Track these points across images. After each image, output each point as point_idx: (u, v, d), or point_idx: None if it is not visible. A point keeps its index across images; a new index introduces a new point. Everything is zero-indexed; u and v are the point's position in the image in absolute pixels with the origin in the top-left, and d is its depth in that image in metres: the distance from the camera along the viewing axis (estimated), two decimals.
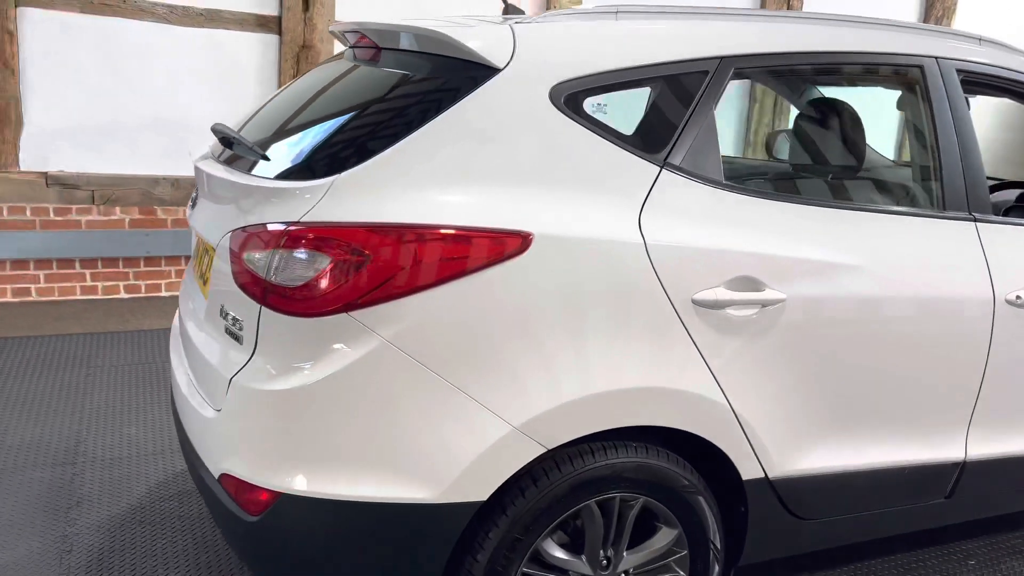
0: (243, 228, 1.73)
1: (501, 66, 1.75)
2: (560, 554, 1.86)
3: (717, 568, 2.02)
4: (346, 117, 1.86)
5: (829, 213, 2.00)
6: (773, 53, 2.01)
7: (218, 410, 1.78)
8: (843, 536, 2.28)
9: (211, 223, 1.96)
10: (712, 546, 1.99)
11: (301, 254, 1.61)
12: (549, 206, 1.71)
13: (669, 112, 1.89)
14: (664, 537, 1.96)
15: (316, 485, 1.65)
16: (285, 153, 1.85)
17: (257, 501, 1.69)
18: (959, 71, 2.24)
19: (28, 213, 4.71)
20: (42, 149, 4.73)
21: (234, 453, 1.73)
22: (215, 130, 2.11)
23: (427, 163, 1.67)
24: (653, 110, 1.89)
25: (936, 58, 2.21)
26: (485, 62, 1.75)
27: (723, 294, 1.83)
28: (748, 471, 1.98)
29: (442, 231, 1.62)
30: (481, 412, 1.67)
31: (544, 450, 1.73)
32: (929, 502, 2.30)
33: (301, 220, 1.63)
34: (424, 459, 1.66)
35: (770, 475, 2.00)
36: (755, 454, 1.96)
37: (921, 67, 2.20)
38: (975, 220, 2.20)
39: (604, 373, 1.74)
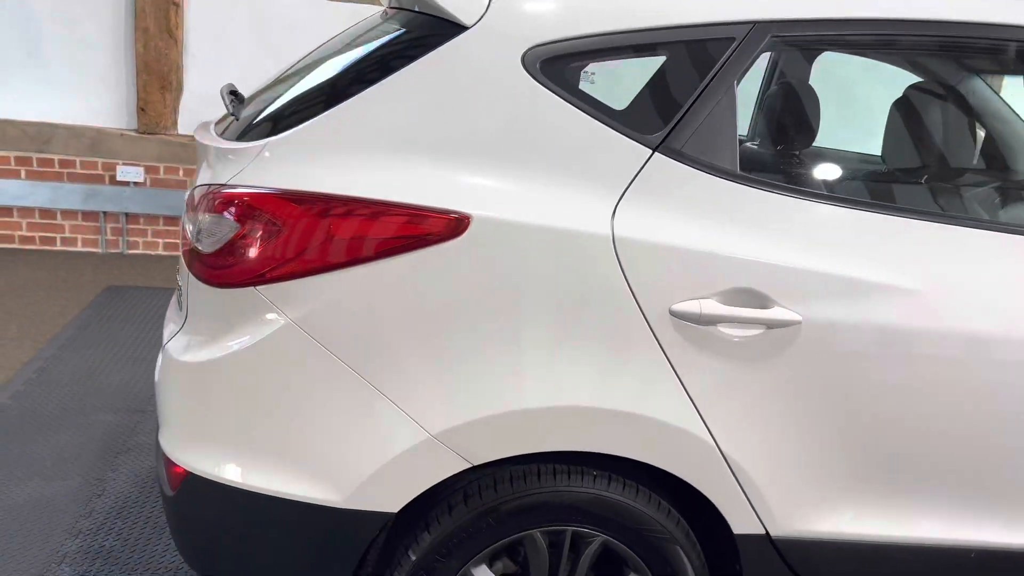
0: (192, 191, 1.65)
1: (470, 23, 1.53)
2: None
3: None
4: (317, 79, 1.72)
5: (885, 221, 1.59)
6: (831, 20, 1.62)
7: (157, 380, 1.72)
8: None
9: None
10: None
11: (215, 219, 1.49)
12: (502, 186, 1.48)
13: (675, 86, 1.57)
14: None
15: (220, 469, 1.53)
16: (251, 114, 1.74)
17: (174, 475, 1.61)
18: None
19: (181, 174, 5.04)
20: (198, 114, 5.03)
21: (163, 423, 1.65)
22: (222, 92, 2.05)
23: (365, 129, 1.49)
24: (655, 83, 1.58)
25: None
26: (452, 18, 1.54)
27: (712, 307, 1.50)
28: (742, 524, 1.63)
29: (362, 205, 1.44)
30: (395, 414, 1.47)
31: (467, 465, 1.50)
32: None
33: (226, 183, 1.51)
34: (329, 458, 1.49)
35: (772, 533, 1.65)
36: (751, 505, 1.61)
37: None
38: None
39: (544, 387, 1.49)
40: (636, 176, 1.52)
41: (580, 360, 1.49)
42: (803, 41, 1.66)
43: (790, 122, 2.04)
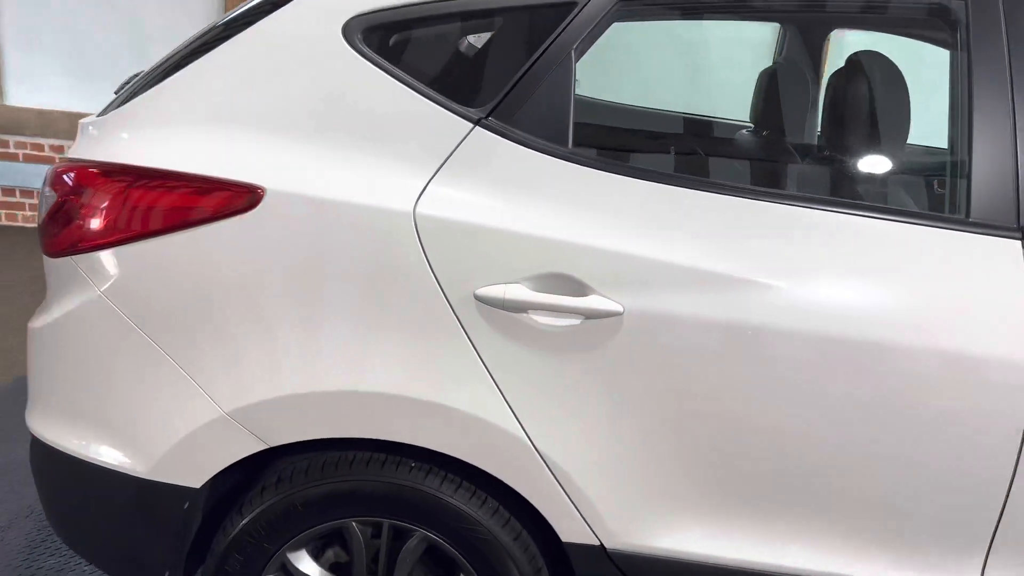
0: None
1: None
2: (311, 571, 1.58)
3: None
4: (184, 53, 1.73)
5: (733, 204, 1.42)
6: None
7: None
8: None
9: None
10: None
11: (47, 190, 1.53)
12: (310, 159, 1.43)
13: (507, 56, 1.47)
14: None
15: (50, 432, 1.57)
16: (124, 94, 1.78)
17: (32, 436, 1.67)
18: None
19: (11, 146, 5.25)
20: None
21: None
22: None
23: (187, 102, 1.48)
24: (485, 52, 1.49)
25: None
26: None
27: (520, 292, 1.38)
28: (571, 532, 1.50)
29: (159, 176, 1.43)
30: (191, 388, 1.46)
31: (263, 446, 1.47)
32: None
33: (67, 156, 1.55)
34: (136, 428, 1.50)
35: (608, 545, 1.50)
36: (579, 512, 1.47)
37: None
38: None
39: (339, 371, 1.42)
40: (454, 151, 1.43)
41: (378, 344, 1.42)
42: (656, 8, 1.50)
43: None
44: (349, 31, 1.47)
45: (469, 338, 1.41)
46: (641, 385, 1.41)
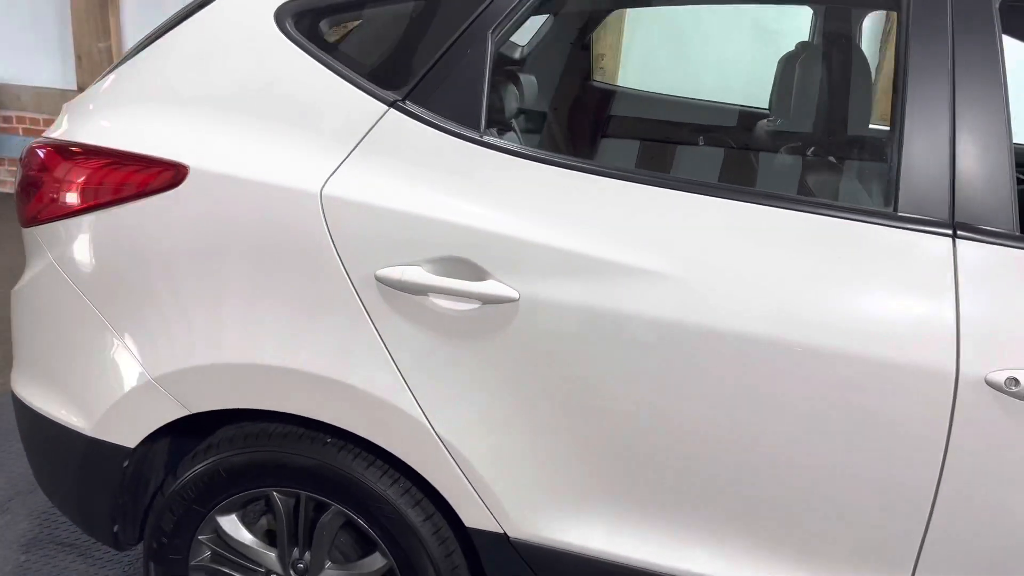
0: None
1: None
2: (244, 538, 1.65)
3: None
4: (151, 35, 1.82)
5: (623, 189, 1.36)
6: None
7: None
8: None
9: None
10: None
11: (19, 166, 1.67)
12: (236, 140, 1.48)
13: (426, 39, 1.47)
14: (372, 563, 1.60)
15: (22, 389, 1.71)
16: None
17: None
18: None
19: None
20: None
21: None
22: None
23: (138, 83, 1.58)
24: (405, 36, 1.50)
25: None
26: None
27: (419, 275, 1.39)
28: (474, 518, 1.49)
29: (99, 153, 1.53)
30: (124, 353, 1.55)
31: (185, 412, 1.54)
32: None
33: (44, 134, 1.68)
34: (83, 387, 1.61)
35: (511, 535, 1.48)
36: (480, 498, 1.47)
37: None
38: (956, 236, 1.28)
39: (244, 343, 1.47)
40: (368, 133, 1.45)
41: (282, 320, 1.46)
42: None
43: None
44: (281, 17, 1.51)
45: (370, 318, 1.43)
46: (537, 373, 1.39)
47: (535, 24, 1.96)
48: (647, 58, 4.73)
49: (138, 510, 1.73)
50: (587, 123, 1.78)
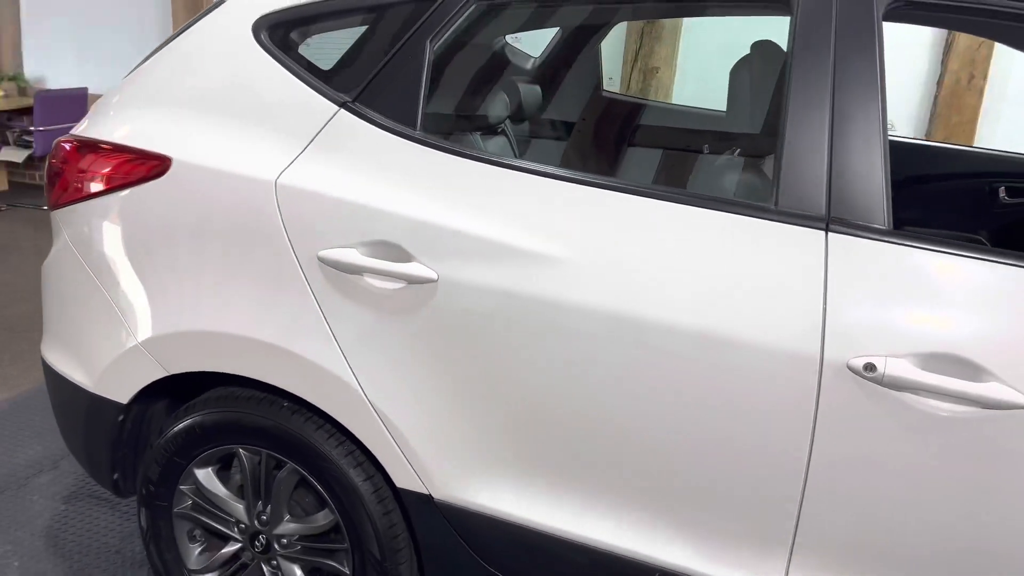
0: None
1: None
2: (218, 490, 1.85)
3: None
4: (161, 44, 2.07)
5: (535, 183, 1.49)
6: None
7: None
8: None
9: None
10: (371, 556, 1.71)
11: (50, 158, 1.94)
12: (214, 136, 1.70)
13: (374, 47, 1.65)
14: (322, 519, 1.77)
15: (47, 353, 1.98)
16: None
17: None
18: None
19: None
20: None
21: None
22: None
23: (142, 86, 1.83)
24: (358, 44, 1.67)
25: None
26: None
27: (355, 257, 1.56)
28: (403, 480, 1.64)
29: (101, 146, 1.77)
30: (119, 320, 1.79)
31: (165, 373, 1.76)
32: None
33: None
34: (88, 349, 1.86)
35: (435, 496, 1.62)
36: (408, 463, 1.62)
37: None
38: (829, 230, 1.35)
39: (209, 313, 1.68)
40: (321, 130, 1.64)
41: (246, 294, 1.65)
42: (510, 5, 1.60)
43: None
44: (258, 28, 1.72)
45: (314, 295, 1.61)
46: (455, 349, 1.53)
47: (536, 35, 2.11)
48: (703, 71, 4.79)
49: (136, 463, 1.96)
50: (540, 126, 1.92)
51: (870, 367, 1.28)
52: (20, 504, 2.50)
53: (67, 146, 1.84)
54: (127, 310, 1.78)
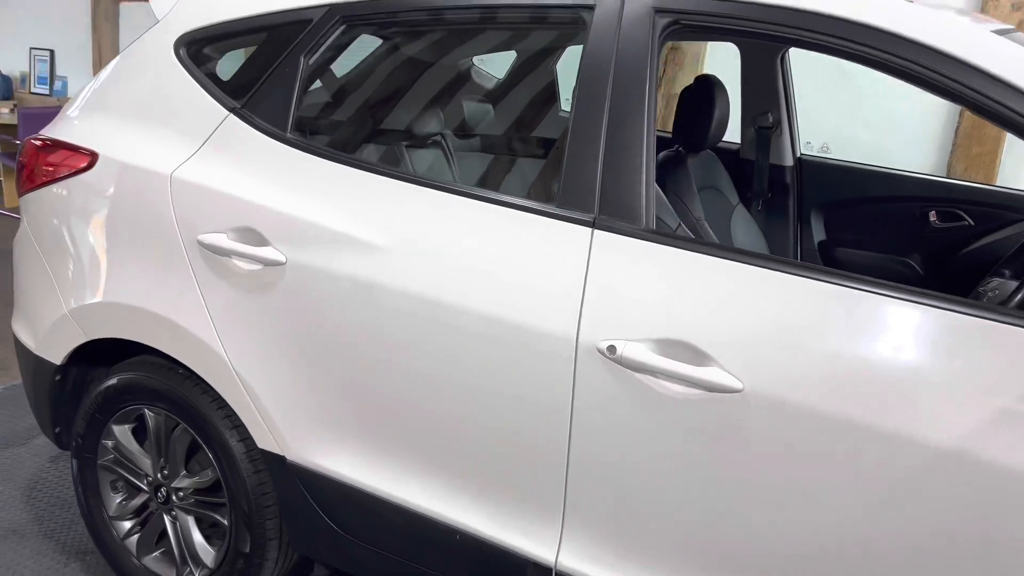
0: None
1: (159, 17, 2.07)
2: (131, 445, 2.10)
3: (249, 538, 1.93)
4: None
5: (373, 181, 1.69)
6: (381, 1, 1.76)
7: None
8: None
9: None
10: (242, 511, 1.92)
11: (19, 155, 2.27)
12: (131, 135, 1.98)
13: (259, 61, 1.90)
14: (209, 475, 1.99)
15: (13, 322, 2.31)
16: None
17: None
18: (661, 11, 1.50)
19: None
20: None
21: None
22: None
23: (92, 94, 2.13)
24: (251, 58, 1.92)
25: None
26: (154, 13, 2.09)
27: (224, 241, 1.79)
28: (263, 441, 1.85)
29: (43, 142, 2.08)
30: (55, 292, 2.08)
31: (86, 338, 2.03)
32: None
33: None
34: (34, 315, 2.16)
35: (288, 457, 1.82)
36: (265, 425, 1.83)
37: (592, 7, 1.56)
38: (595, 227, 1.48)
39: (117, 287, 1.95)
40: (213, 132, 1.89)
41: (145, 271, 1.91)
42: (368, 21, 1.81)
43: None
44: (178, 45, 2.00)
45: (194, 273, 1.85)
46: (300, 324, 1.74)
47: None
48: None
49: (68, 416, 2.24)
50: (371, 129, 2.13)
51: (612, 349, 1.41)
52: (14, 461, 2.85)
53: (33, 143, 2.16)
54: (62, 283, 2.07)
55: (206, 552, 2.06)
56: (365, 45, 2.17)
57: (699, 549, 1.44)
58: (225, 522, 1.99)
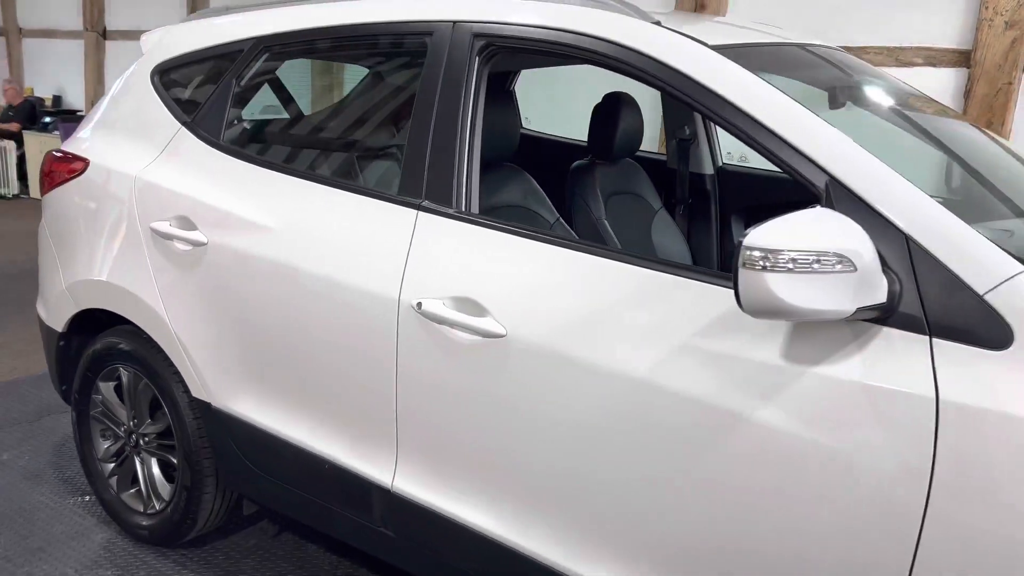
0: None
1: (145, 52, 2.57)
2: (113, 398, 2.57)
3: (190, 475, 2.34)
4: None
5: (269, 176, 2.09)
6: (288, 33, 2.18)
7: None
8: (296, 509, 2.21)
9: None
10: (185, 451, 2.34)
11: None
12: (117, 148, 2.47)
13: (206, 85, 2.35)
14: (165, 421, 2.42)
15: (37, 303, 2.83)
16: None
17: None
18: (478, 35, 1.84)
19: None
20: None
21: None
22: None
23: (97, 114, 2.65)
24: (200, 83, 2.37)
25: (454, 23, 1.88)
26: (142, 48, 2.59)
27: (167, 227, 2.24)
28: (196, 390, 2.27)
29: (58, 153, 2.60)
30: (58, 272, 2.58)
31: (77, 308, 2.52)
32: (363, 522, 1.97)
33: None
34: (46, 292, 2.68)
35: (213, 403, 2.23)
36: (195, 375, 2.24)
37: (431, 33, 1.91)
38: (420, 210, 1.82)
39: (97, 267, 2.42)
40: (169, 142, 2.35)
41: (112, 254, 2.38)
42: (287, 48, 2.23)
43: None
44: (152, 73, 2.49)
45: (147, 254, 2.30)
46: (218, 292, 2.15)
47: None
48: None
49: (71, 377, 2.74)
50: (289, 137, 2.55)
51: (419, 305, 1.75)
52: (50, 427, 3.39)
53: (52, 154, 2.69)
54: (64, 265, 2.57)
55: (164, 487, 2.50)
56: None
57: (488, 463, 1.75)
58: (175, 461, 2.41)
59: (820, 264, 1.21)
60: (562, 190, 2.66)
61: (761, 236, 1.24)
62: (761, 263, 1.22)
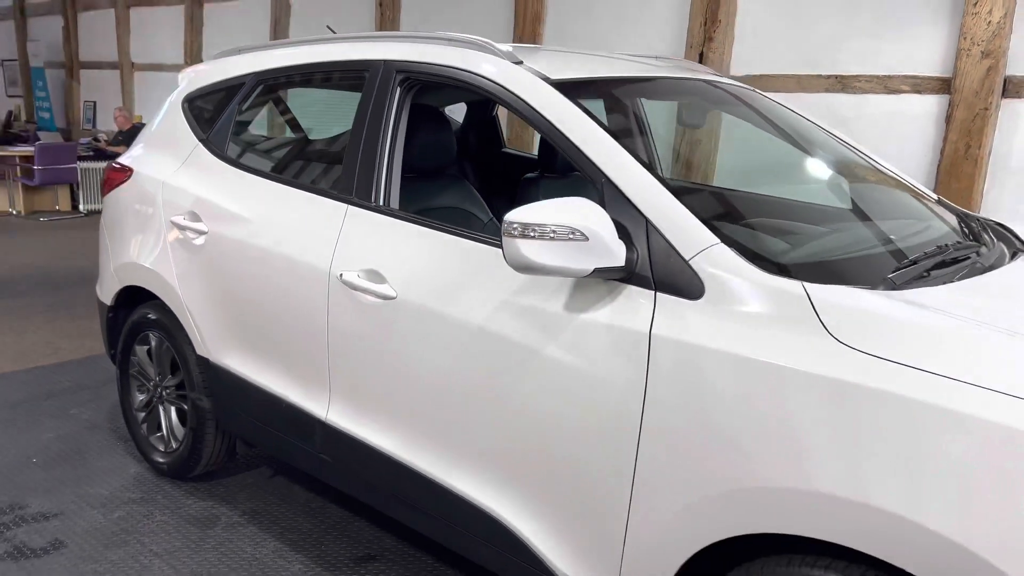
0: None
1: (180, 84, 3.24)
2: (144, 357, 3.21)
3: (196, 417, 2.94)
4: None
5: (252, 179, 2.69)
6: (276, 68, 2.79)
7: None
8: (266, 443, 2.74)
9: None
10: (192, 398, 2.94)
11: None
12: (154, 159, 3.14)
13: (219, 109, 2.98)
14: (179, 375, 3.04)
15: (97, 287, 3.53)
16: None
17: None
18: (399, 71, 2.38)
19: None
20: None
21: None
22: None
23: (146, 133, 3.33)
24: (216, 108, 3.01)
25: (384, 61, 2.43)
26: (179, 81, 3.27)
27: (181, 220, 2.87)
28: (199, 348, 2.88)
29: (113, 163, 3.29)
30: (109, 257, 3.26)
31: (122, 285, 3.18)
32: (309, 449, 2.50)
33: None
34: (103, 273, 3.36)
35: (210, 359, 2.83)
36: (199, 337, 2.85)
37: (367, 69, 2.47)
38: (350, 204, 2.37)
39: (135, 253, 3.08)
40: (190, 154, 2.99)
41: (149, 241, 3.03)
42: (276, 80, 2.83)
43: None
44: (184, 100, 3.15)
45: (168, 243, 2.94)
46: (214, 270, 2.76)
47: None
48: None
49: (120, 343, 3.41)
50: (283, 151, 3.15)
51: (341, 276, 2.29)
52: (106, 393, 4.09)
53: (112, 165, 3.39)
54: (114, 252, 3.25)
55: (179, 430, 3.11)
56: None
57: (387, 396, 2.26)
58: (185, 407, 3.03)
59: (555, 234, 1.69)
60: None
61: (518, 214, 1.72)
62: (514, 232, 1.70)
